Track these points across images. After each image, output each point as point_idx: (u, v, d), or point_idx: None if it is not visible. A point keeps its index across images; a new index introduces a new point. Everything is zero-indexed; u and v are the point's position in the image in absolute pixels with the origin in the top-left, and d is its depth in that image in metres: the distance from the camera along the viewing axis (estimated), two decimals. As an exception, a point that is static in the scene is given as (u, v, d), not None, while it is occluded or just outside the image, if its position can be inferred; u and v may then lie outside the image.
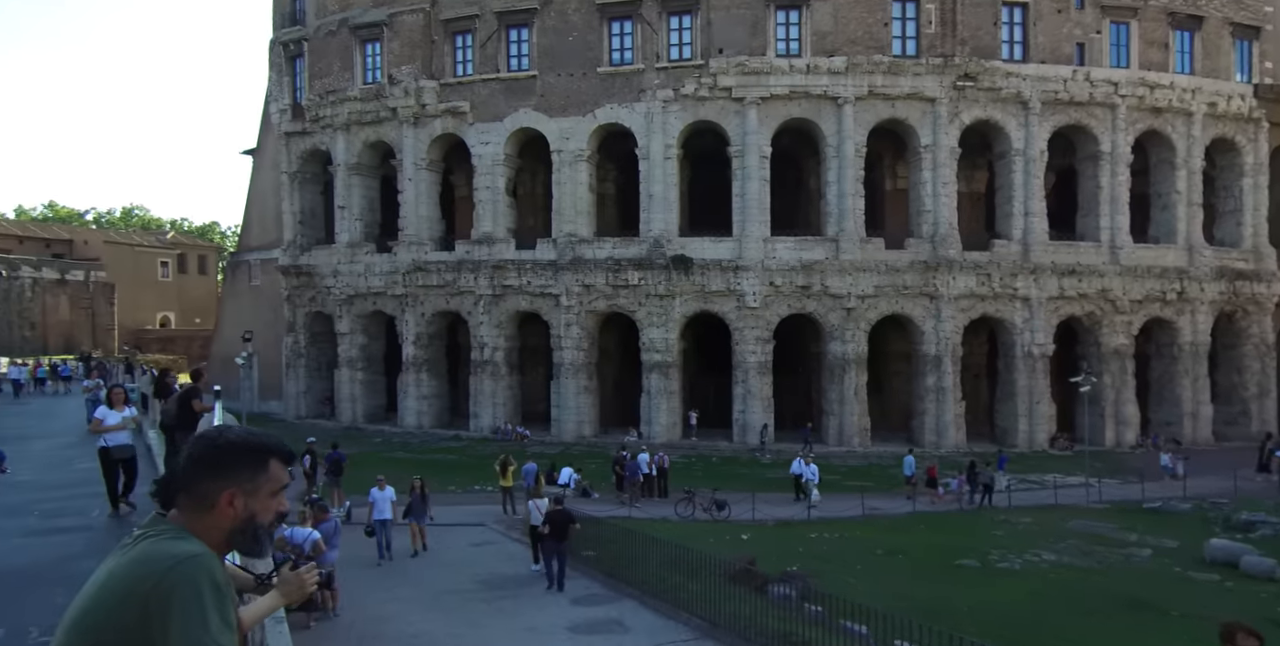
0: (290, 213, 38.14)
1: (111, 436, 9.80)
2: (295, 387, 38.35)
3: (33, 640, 6.02)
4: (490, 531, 18.08)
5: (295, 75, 37.73)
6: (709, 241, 31.21)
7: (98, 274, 69.83)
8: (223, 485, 1.85)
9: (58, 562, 8.30)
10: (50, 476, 13.32)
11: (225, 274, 60.85)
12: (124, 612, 1.63)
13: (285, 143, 38.06)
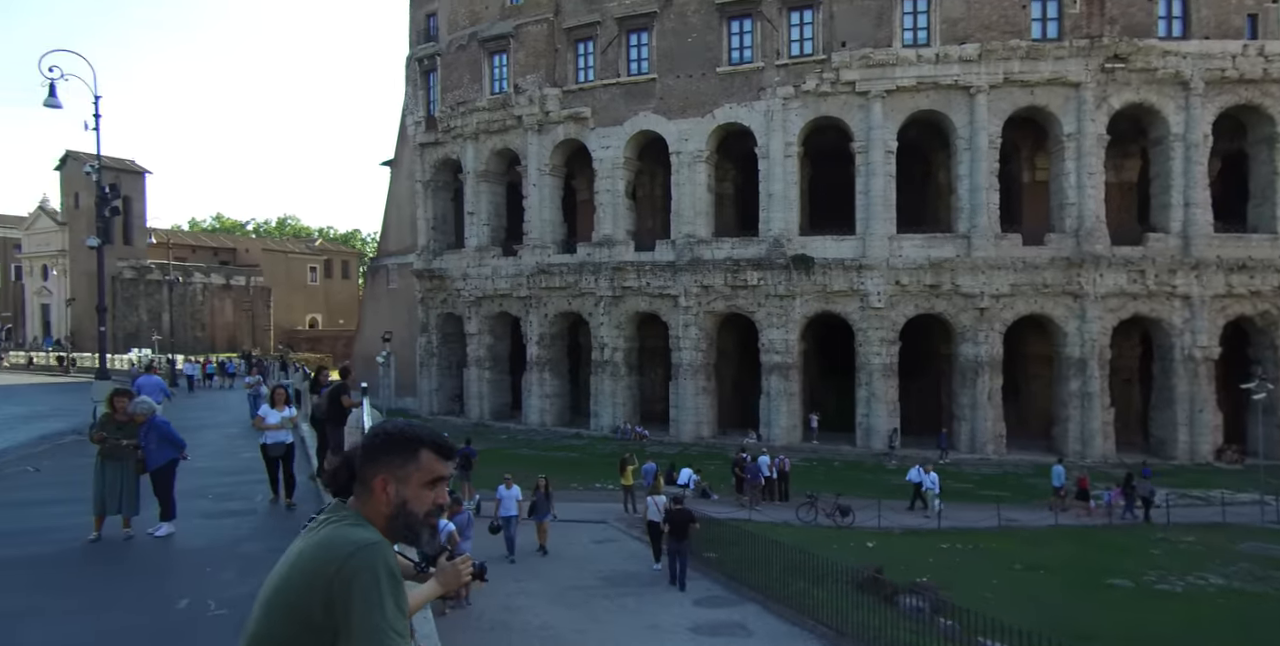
0: (424, 219, 40.26)
1: (271, 434, 10.60)
2: (428, 385, 40.40)
3: (211, 612, 6.64)
4: (612, 529, 18.38)
5: (429, 89, 39.82)
6: (831, 240, 30.45)
7: (257, 279, 76.36)
8: (377, 471, 1.98)
9: (229, 543, 9.12)
10: (220, 463, 14.67)
11: (365, 278, 64.95)
12: (310, 592, 1.76)
13: (419, 153, 40.22)
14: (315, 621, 1.74)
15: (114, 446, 9.00)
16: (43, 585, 7.63)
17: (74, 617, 6.67)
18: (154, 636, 6.15)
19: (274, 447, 10.65)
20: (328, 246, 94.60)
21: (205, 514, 10.51)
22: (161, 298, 67.89)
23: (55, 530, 9.64)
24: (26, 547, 8.93)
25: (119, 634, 6.24)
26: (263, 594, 1.87)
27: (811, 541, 16.03)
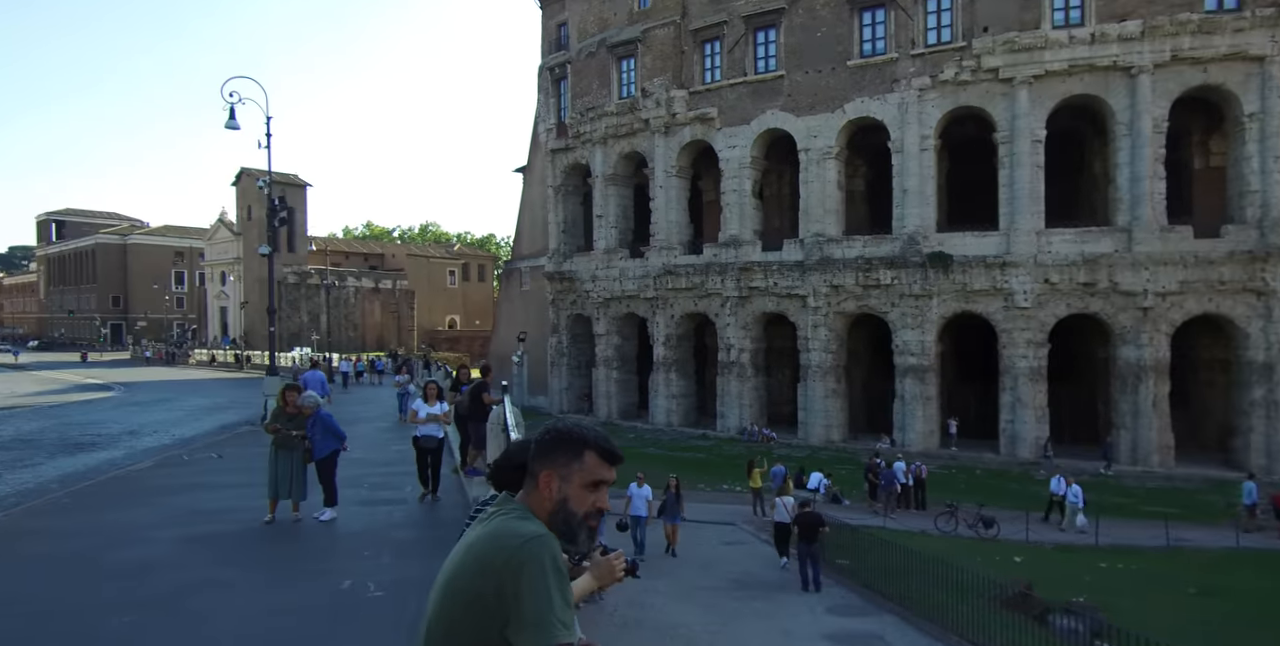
0: (554, 223, 41.51)
1: (423, 428, 11.02)
2: (558, 384, 41.59)
3: (370, 593, 7.13)
4: (741, 531, 18.25)
5: (560, 97, 41.05)
6: (971, 236, 28.86)
7: (402, 283, 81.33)
8: (544, 465, 2.06)
9: (384, 529, 9.76)
10: (373, 455, 15.74)
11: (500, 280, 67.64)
12: (481, 580, 1.85)
13: (550, 159, 41.52)
14: (490, 607, 1.82)
15: (285, 437, 9.84)
16: (229, 560, 8.45)
17: (256, 591, 7.35)
18: (324, 613, 6.67)
19: (426, 440, 11.01)
20: (465, 251, 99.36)
21: (362, 501, 11.29)
22: (320, 300, 73.67)
23: (236, 511, 10.67)
24: (214, 526, 9.93)
25: (294, 608, 6.81)
26: (440, 579, 1.99)
27: (951, 553, 15.24)
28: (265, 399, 22.19)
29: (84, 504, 11.40)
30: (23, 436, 21.33)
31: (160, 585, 7.38)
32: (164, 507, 11.06)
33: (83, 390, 40.50)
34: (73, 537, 9.19)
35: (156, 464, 15.55)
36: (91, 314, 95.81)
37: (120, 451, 18.49)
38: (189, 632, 6.17)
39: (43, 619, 6.44)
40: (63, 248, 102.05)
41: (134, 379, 47.94)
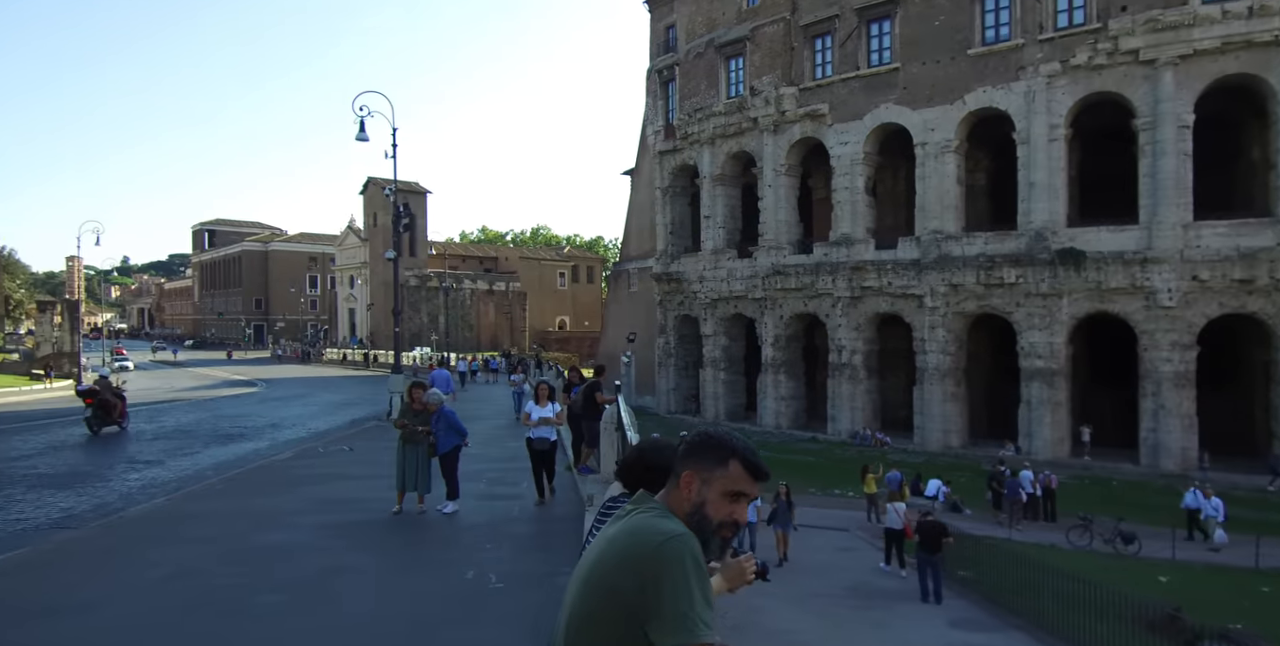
0: (662, 224, 41.73)
1: (535, 430, 10.87)
2: (665, 385, 41.78)
3: (492, 585, 7.39)
4: (854, 538, 17.75)
5: (668, 98, 41.26)
6: (1105, 231, 26.92)
7: (514, 284, 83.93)
8: (687, 466, 2.06)
9: (502, 524, 10.09)
10: (490, 451, 16.31)
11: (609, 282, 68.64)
12: (620, 576, 1.88)
13: (658, 161, 41.78)
14: (630, 603, 1.84)
15: (411, 432, 10.35)
16: (362, 546, 8.97)
17: (388, 577, 7.77)
18: (449, 601, 6.97)
19: (539, 443, 10.87)
20: (575, 253, 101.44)
21: (481, 496, 11.73)
22: (438, 302, 76.98)
23: (367, 501, 11.31)
24: (348, 514, 10.56)
25: (423, 595, 7.15)
26: (578, 573, 2.03)
27: (1085, 569, 14.26)
28: (390, 396, 23.43)
29: (235, 490, 12.39)
30: (182, 427, 23.39)
31: (304, 567, 7.92)
32: (303, 496, 11.86)
33: (230, 386, 44.03)
34: (226, 521, 10.00)
35: (295, 455, 16.69)
36: (238, 315, 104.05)
37: (264, 442, 19.96)
38: (332, 612, 6.58)
39: (206, 593, 7.05)
40: (213, 255, 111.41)
41: (274, 376, 51.70)
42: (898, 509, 14.79)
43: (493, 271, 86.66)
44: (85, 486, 13.49)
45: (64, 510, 11.46)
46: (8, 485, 13.46)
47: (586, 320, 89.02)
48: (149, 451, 18.06)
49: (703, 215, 38.82)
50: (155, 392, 38.67)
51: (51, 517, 10.92)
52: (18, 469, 15.39)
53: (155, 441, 20.00)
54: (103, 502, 12.05)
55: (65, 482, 13.78)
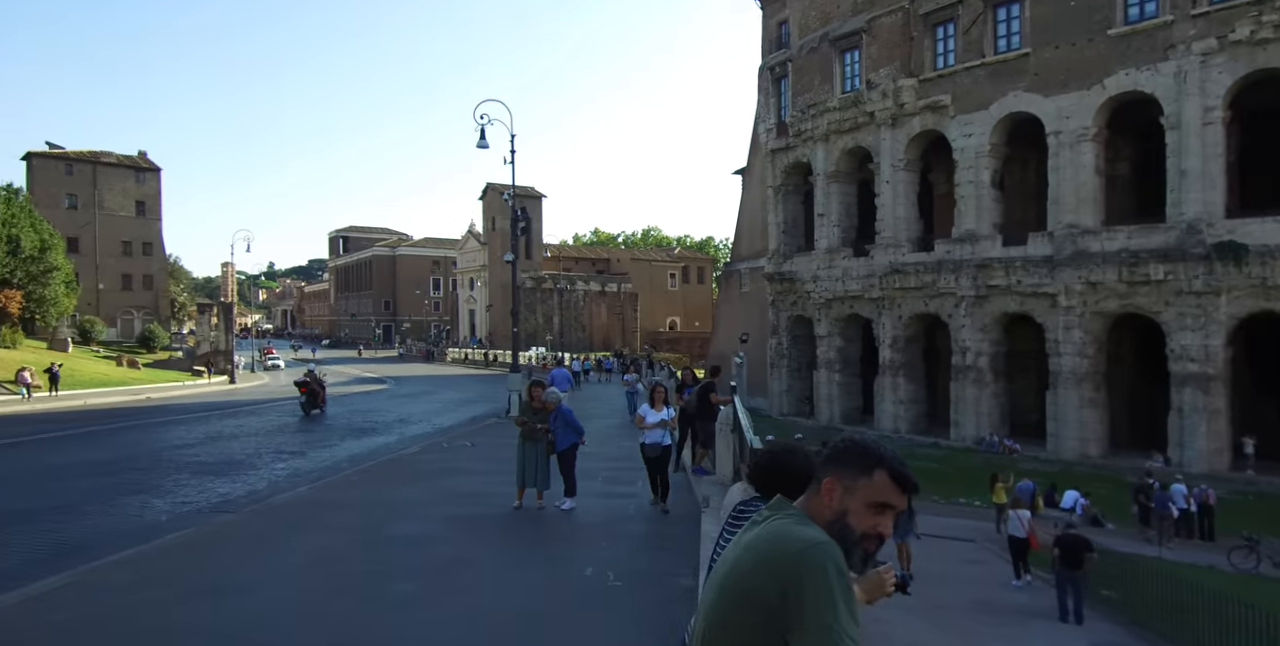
0: (774, 223, 41.12)
1: (649, 434, 10.56)
2: (778, 386, 41.13)
3: (610, 582, 7.49)
4: (982, 549, 16.86)
5: (780, 95, 40.64)
6: (1272, 222, 24.36)
7: (625, 286, 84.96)
8: (829, 472, 2.00)
9: (619, 522, 10.21)
10: (605, 450, 16.56)
11: (719, 282, 68.32)
12: (759, 581, 1.83)
13: (770, 159, 41.20)
14: (772, 610, 1.80)
15: (531, 429, 10.64)
16: (486, 539, 9.30)
17: (511, 569, 8.01)
18: (570, 596, 7.11)
19: (651, 448, 10.59)
20: (685, 254, 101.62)
21: (597, 493, 11.91)
22: (552, 304, 78.99)
23: (489, 495, 11.72)
24: (472, 507, 10.98)
25: (543, 589, 7.33)
26: (715, 579, 2.01)
27: (1250, 595, 12.95)
28: (509, 394, 24.22)
29: (368, 481, 13.14)
30: (321, 421, 25.03)
31: (433, 558, 8.29)
32: (430, 488, 12.43)
33: (362, 382, 46.81)
34: (362, 510, 10.62)
35: (422, 449, 17.54)
36: (368, 316, 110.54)
37: (394, 437, 21.09)
38: (461, 602, 6.85)
39: (347, 578, 7.50)
40: (347, 260, 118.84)
41: (400, 373, 54.57)
42: (1020, 516, 13.97)
43: (605, 273, 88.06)
44: (239, 474, 14.67)
45: (221, 495, 12.50)
46: (175, 471, 14.82)
47: (697, 321, 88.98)
48: (292, 443, 19.44)
49: (816, 213, 37.97)
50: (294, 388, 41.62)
51: (211, 502, 11.93)
52: (183, 456, 16.92)
53: (298, 434, 21.51)
54: (253, 489, 13.06)
55: (222, 470, 15.04)
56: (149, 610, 6.47)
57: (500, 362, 60.77)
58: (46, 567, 7.85)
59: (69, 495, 12.30)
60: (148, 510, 11.29)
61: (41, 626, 6.02)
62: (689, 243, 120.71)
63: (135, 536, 9.32)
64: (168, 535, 9.26)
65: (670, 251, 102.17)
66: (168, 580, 7.34)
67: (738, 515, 2.73)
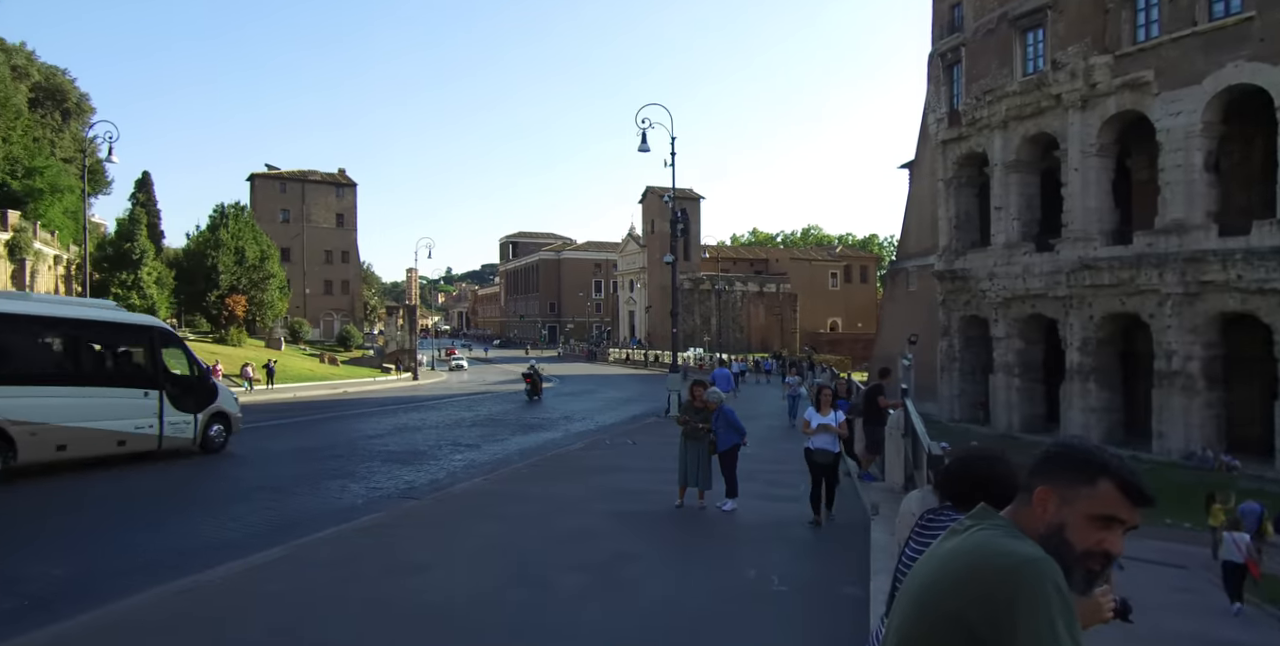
0: (945, 218, 38.82)
1: (815, 439, 9.97)
2: (948, 390, 38.79)
3: (775, 587, 7.33)
4: (1196, 577, 14.95)
5: (952, 83, 38.34)
6: None
7: (784, 286, 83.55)
8: (1042, 481, 1.80)
9: (780, 526, 10.00)
10: (765, 451, 16.31)
11: (884, 282, 65.59)
12: (962, 600, 1.67)
13: (941, 150, 38.95)
14: (975, 630, 1.64)
15: (692, 428, 10.66)
16: (648, 536, 9.42)
17: (673, 568, 8.06)
18: (733, 597, 7.03)
19: (819, 453, 9.92)
20: (847, 252, 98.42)
21: (758, 495, 11.74)
22: (710, 304, 79.16)
23: (650, 493, 11.87)
24: (634, 504, 11.17)
25: (706, 588, 7.30)
26: (908, 591, 1.86)
27: None
28: (668, 394, 24.49)
29: (537, 475, 13.72)
30: (493, 417, 26.51)
31: (598, 552, 8.50)
32: (594, 484, 12.78)
33: (530, 380, 49.02)
34: (532, 502, 11.09)
35: (585, 446, 18.10)
36: (535, 317, 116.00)
37: (558, 433, 21.93)
38: (625, 597, 6.98)
39: (519, 567, 7.85)
40: (515, 264, 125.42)
41: (564, 372, 56.73)
42: (1237, 539, 12.31)
43: (763, 273, 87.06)
44: (422, 463, 15.81)
45: (406, 483, 13.52)
46: (368, 460, 16.22)
47: (859, 321, 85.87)
48: (468, 436, 20.71)
49: (993, 206, 35.43)
50: (469, 385, 44.39)
51: (398, 488, 12.94)
52: (375, 446, 18.50)
53: (473, 428, 22.89)
54: (434, 478, 14.02)
55: (407, 459, 16.28)
56: (349, 584, 7.10)
57: (659, 363, 61.67)
58: (265, 541, 8.81)
59: (281, 478, 13.78)
60: (346, 493, 12.41)
61: (263, 594, 6.76)
62: (851, 241, 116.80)
63: (336, 516, 10.28)
64: (363, 517, 10.13)
65: (831, 250, 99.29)
66: (363, 557, 8.02)
67: (926, 524, 2.55)
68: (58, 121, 56.47)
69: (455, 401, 33.14)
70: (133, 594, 6.69)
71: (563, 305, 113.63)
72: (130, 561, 8.11)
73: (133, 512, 10.77)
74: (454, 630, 6.04)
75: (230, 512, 10.75)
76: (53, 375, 13.37)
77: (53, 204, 45.39)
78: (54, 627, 5.83)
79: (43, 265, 40.51)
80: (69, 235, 45.25)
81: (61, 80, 58.39)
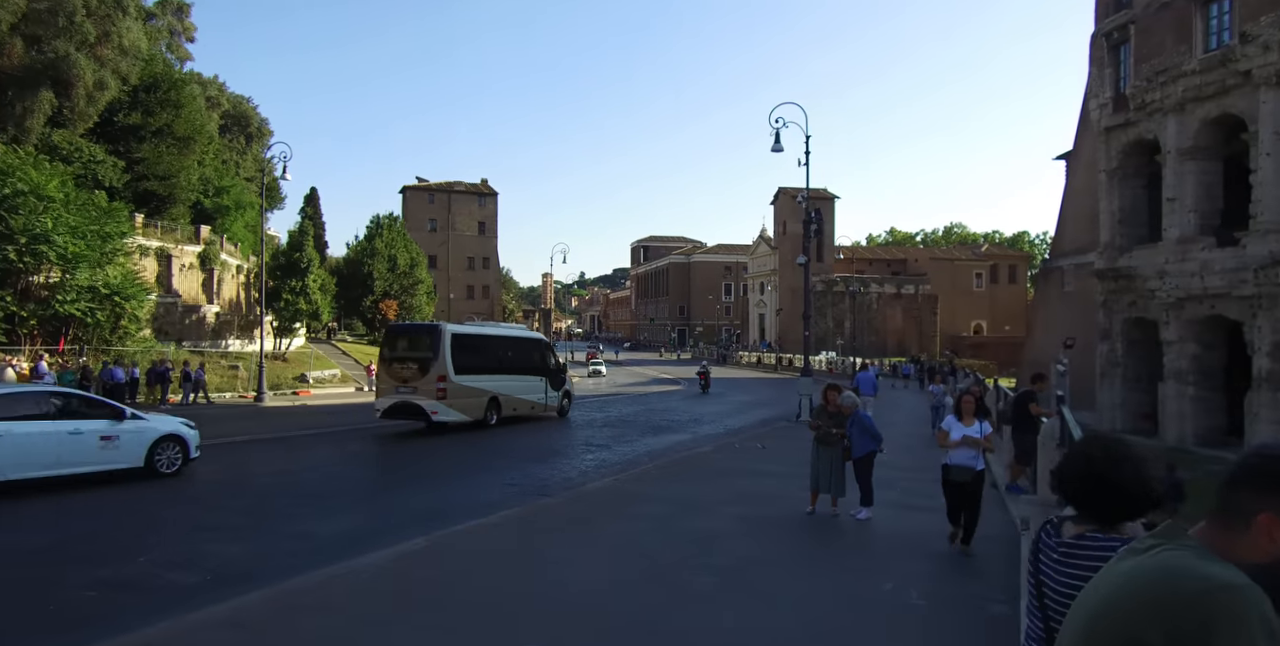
0: (1108, 212, 35.75)
1: (954, 454, 8.69)
2: (1109, 399, 35.65)
3: (913, 600, 6.98)
4: None
5: (1118, 65, 35.30)
6: None
7: (923, 287, 79.90)
8: (1264, 505, 1.54)
9: (919, 538, 9.50)
10: (902, 459, 15.61)
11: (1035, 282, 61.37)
12: (1146, 626, 1.48)
13: (1104, 138, 35.93)
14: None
15: (826, 433, 10.37)
16: (777, 541, 9.24)
17: (803, 574, 7.85)
18: (870, 610, 6.77)
19: (958, 471, 8.63)
20: (993, 251, 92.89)
21: (894, 504, 11.24)
22: (844, 307, 76.88)
23: (780, 498, 11.64)
24: (762, 509, 10.99)
25: (841, 598, 7.07)
26: (1084, 614, 1.68)
27: None
28: (799, 398, 23.97)
29: (665, 476, 13.79)
30: (624, 418, 26.92)
31: (728, 555, 8.42)
32: (723, 487, 12.68)
33: (658, 383, 49.52)
34: (661, 503, 11.15)
35: (714, 449, 18.01)
36: (665, 321, 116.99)
37: (687, 435, 21.94)
38: (759, 601, 6.87)
39: (651, 567, 7.91)
40: (646, 268, 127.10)
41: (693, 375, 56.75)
42: None
43: (900, 274, 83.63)
44: (555, 462, 16.28)
45: (541, 480, 13.95)
46: (506, 456, 16.89)
47: (1007, 324, 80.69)
48: (599, 437, 21.13)
49: (1165, 198, 32.25)
50: (601, 386, 45.32)
51: (534, 485, 13.37)
52: (512, 444, 19.26)
53: (604, 428, 23.33)
54: (567, 477, 14.39)
55: (542, 458, 16.81)
56: (488, 574, 7.40)
57: (790, 366, 60.54)
58: (415, 529, 9.35)
59: (428, 470, 14.60)
60: (485, 488, 12.97)
61: (415, 579, 7.17)
62: (998, 239, 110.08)
63: (475, 510, 10.76)
64: (501, 511, 10.54)
65: (976, 249, 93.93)
66: (501, 550, 8.34)
67: (1073, 548, 2.24)
68: (242, 144, 62.76)
69: (586, 402, 33.94)
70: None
71: (692, 308, 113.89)
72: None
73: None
74: (590, 626, 6.16)
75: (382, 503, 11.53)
76: (509, 368, 22.67)
77: (236, 219, 50.56)
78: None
79: (227, 274, 45.11)
80: (249, 247, 50.12)
81: (246, 108, 64.81)
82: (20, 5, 32.96)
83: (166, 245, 38.07)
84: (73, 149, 35.91)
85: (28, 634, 5.92)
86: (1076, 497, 2.23)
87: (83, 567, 7.60)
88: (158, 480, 12.54)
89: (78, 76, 34.88)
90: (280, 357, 41.26)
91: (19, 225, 25.29)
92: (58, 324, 27.13)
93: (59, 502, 10.79)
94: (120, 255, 29.80)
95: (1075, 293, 40.69)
